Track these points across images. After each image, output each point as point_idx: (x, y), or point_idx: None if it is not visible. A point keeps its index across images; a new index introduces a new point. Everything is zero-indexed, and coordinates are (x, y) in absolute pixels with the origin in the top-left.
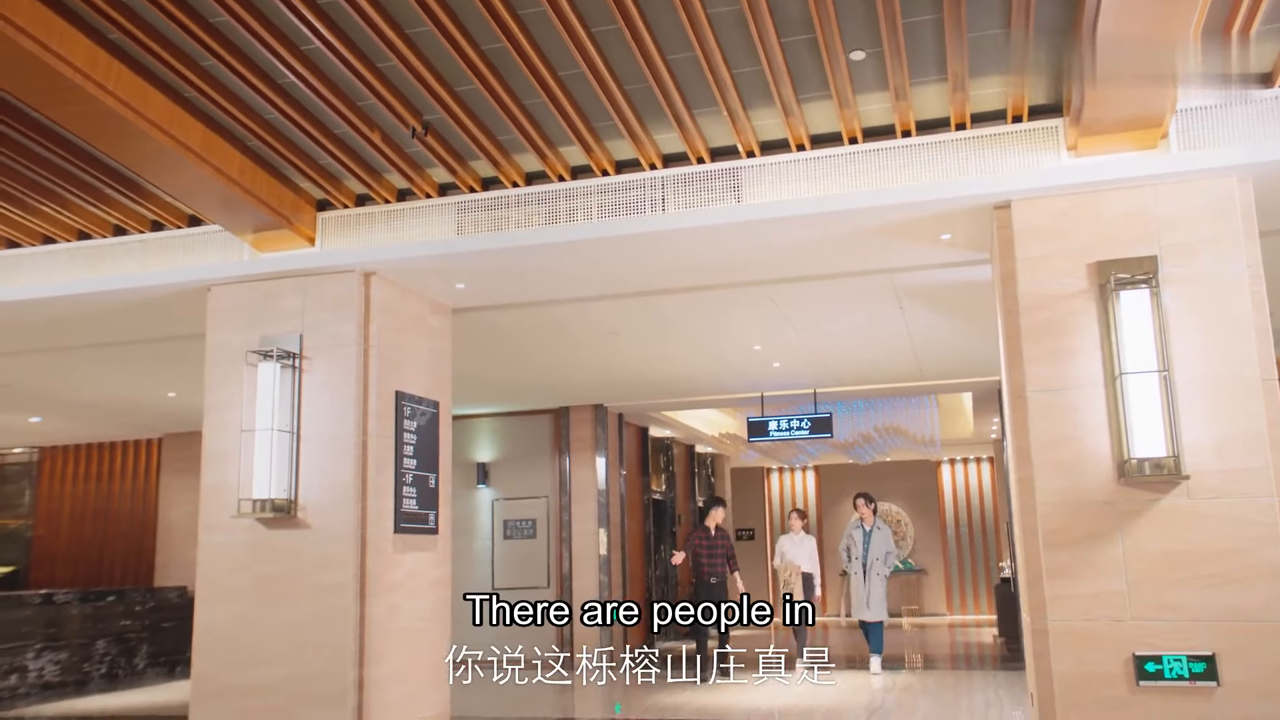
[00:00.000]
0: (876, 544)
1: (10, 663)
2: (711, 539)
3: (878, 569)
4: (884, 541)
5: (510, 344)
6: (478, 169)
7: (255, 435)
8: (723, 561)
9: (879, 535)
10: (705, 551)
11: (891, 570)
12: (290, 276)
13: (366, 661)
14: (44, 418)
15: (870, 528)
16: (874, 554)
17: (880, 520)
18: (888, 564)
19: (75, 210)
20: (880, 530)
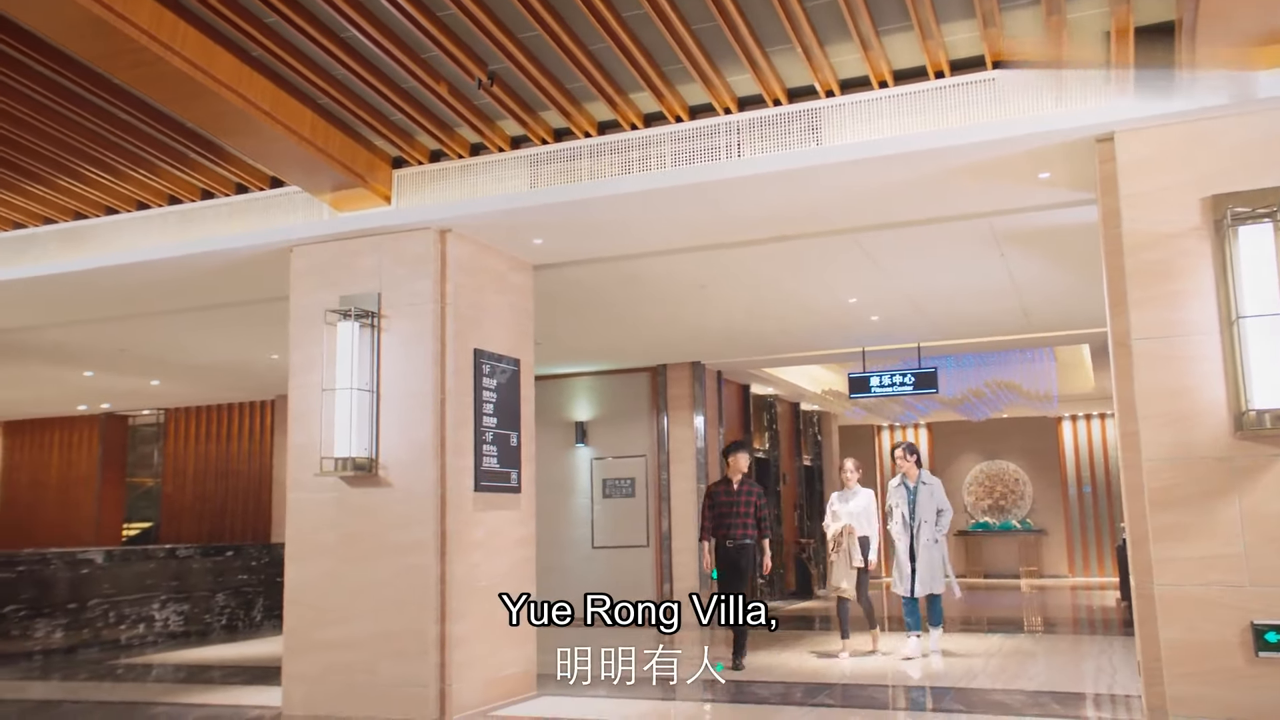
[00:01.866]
0: (924, 502)
1: (138, 612)
2: (734, 493)
3: (928, 533)
4: (933, 498)
5: (598, 301)
6: (549, 120)
7: (335, 394)
8: (745, 522)
9: (926, 492)
10: (726, 509)
11: (944, 532)
12: (367, 235)
13: (448, 618)
14: (162, 381)
15: (915, 483)
16: (922, 514)
17: (928, 474)
18: (940, 525)
19: (164, 175)
20: (927, 485)
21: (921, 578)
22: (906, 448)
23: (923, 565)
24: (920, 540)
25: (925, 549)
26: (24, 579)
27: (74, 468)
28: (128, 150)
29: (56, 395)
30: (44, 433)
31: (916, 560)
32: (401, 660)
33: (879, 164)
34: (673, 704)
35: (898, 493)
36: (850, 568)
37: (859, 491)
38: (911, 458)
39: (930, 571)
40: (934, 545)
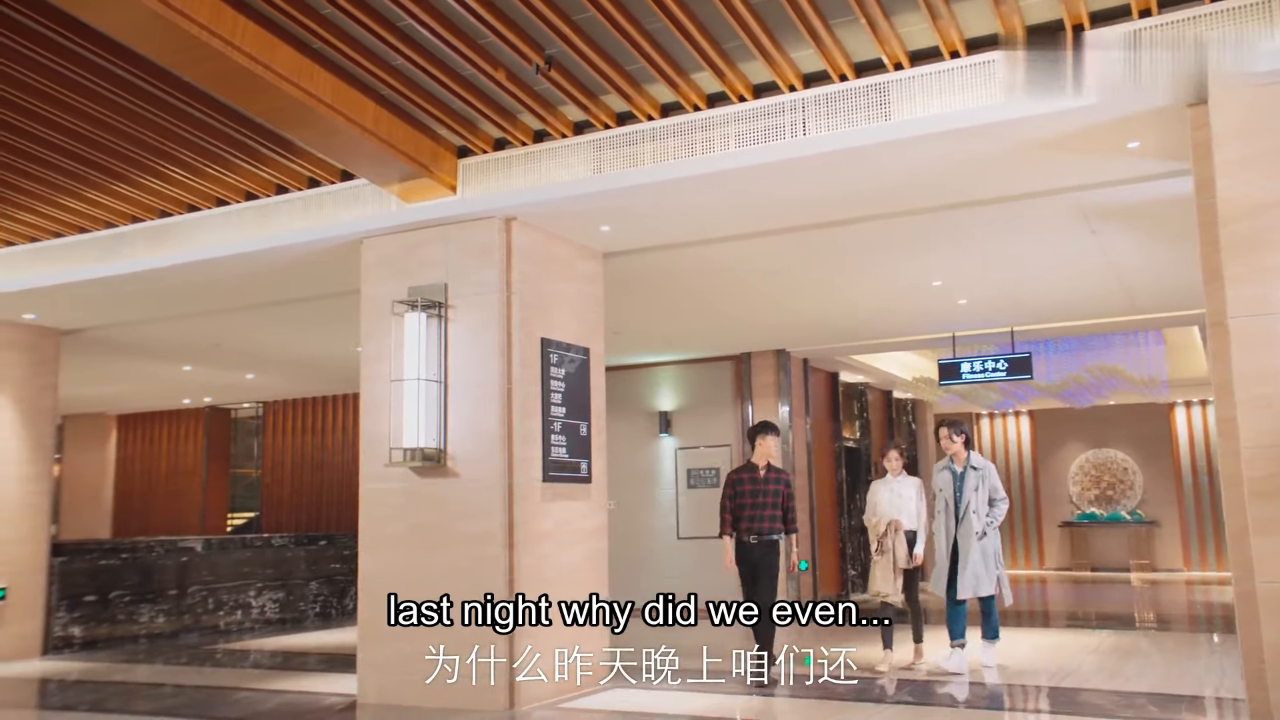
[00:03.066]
0: (972, 489)
1: (236, 599)
2: (759, 481)
3: (973, 524)
4: (984, 485)
5: (674, 288)
6: (610, 104)
7: (404, 385)
8: (772, 514)
9: (975, 478)
10: (748, 498)
11: (994, 524)
12: (434, 226)
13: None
14: (257, 375)
15: (963, 468)
16: (969, 503)
17: (979, 457)
18: (992, 517)
19: (238, 171)
20: (977, 470)
21: (966, 577)
22: (952, 427)
23: (973, 562)
24: (963, 532)
25: (971, 543)
26: (128, 566)
27: (181, 459)
28: (203, 148)
29: (161, 389)
30: (154, 426)
31: (961, 556)
32: (471, 650)
33: (953, 138)
34: (744, 699)
35: (942, 478)
36: (897, 568)
37: (905, 480)
38: (959, 438)
39: (978, 569)
40: (982, 539)
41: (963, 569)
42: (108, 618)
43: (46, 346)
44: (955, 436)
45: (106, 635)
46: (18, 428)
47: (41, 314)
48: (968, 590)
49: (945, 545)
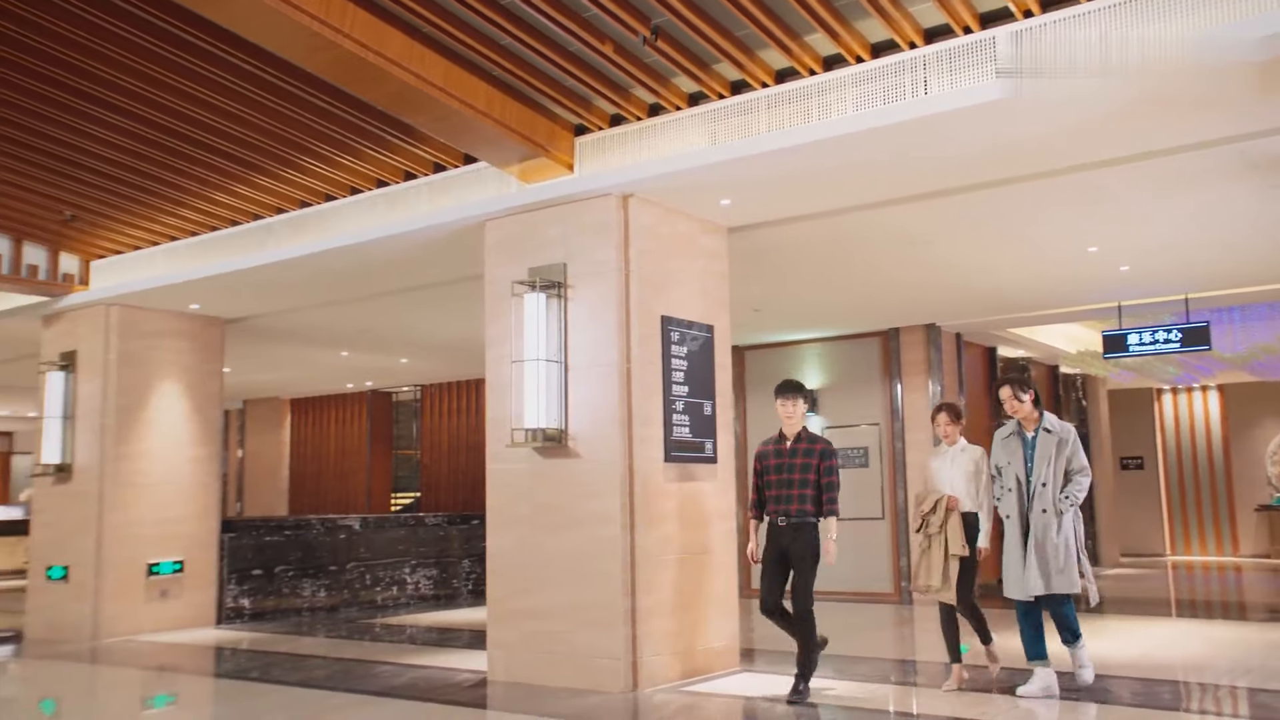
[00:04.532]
0: (1044, 459)
1: (391, 576)
2: (784, 454)
3: (1045, 500)
4: (1059, 452)
5: (810, 262)
6: (723, 73)
7: (524, 366)
8: (801, 494)
9: (1049, 443)
10: (773, 474)
11: (1073, 502)
12: (552, 205)
13: (638, 591)
14: (410, 359)
15: (1035, 431)
16: (1040, 475)
17: (1054, 419)
18: (1070, 493)
19: (368, 159)
20: (1052, 434)
21: (1033, 569)
22: (1017, 382)
23: (1039, 549)
24: (1034, 510)
25: (1041, 524)
26: (291, 542)
27: (347, 441)
28: (334, 138)
29: (325, 374)
30: (322, 409)
31: (1031, 543)
32: (593, 631)
33: (1095, 86)
34: (875, 686)
35: (1008, 446)
36: (949, 556)
37: (965, 449)
38: (1027, 396)
39: (1052, 560)
40: (1056, 519)
41: (1030, 559)
42: (274, 591)
43: (212, 335)
44: (1022, 394)
45: (273, 607)
46: (188, 412)
47: (205, 304)
48: (1036, 586)
49: (1016, 532)
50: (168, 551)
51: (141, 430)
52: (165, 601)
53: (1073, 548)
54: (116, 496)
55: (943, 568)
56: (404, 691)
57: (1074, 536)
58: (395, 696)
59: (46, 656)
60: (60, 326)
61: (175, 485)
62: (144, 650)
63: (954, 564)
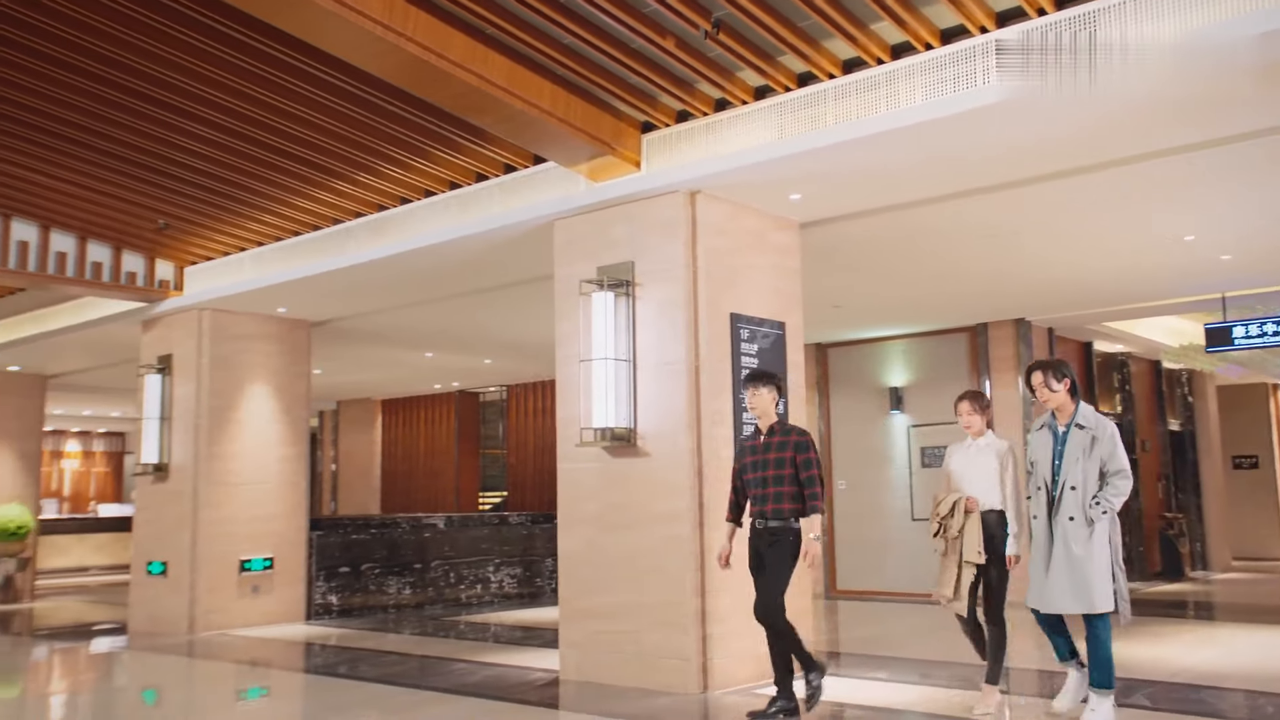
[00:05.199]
0: (1073, 458)
1: (475, 574)
2: (759, 449)
3: (1072, 505)
4: (1092, 450)
5: (890, 256)
6: (788, 65)
7: (592, 365)
8: (777, 491)
9: (1079, 440)
10: (750, 472)
11: (1107, 509)
12: (620, 204)
13: (708, 592)
14: (494, 359)
15: (1067, 425)
16: (1069, 476)
17: (1091, 411)
18: (1106, 499)
19: (440, 162)
20: (1085, 429)
21: (1055, 583)
22: (1050, 369)
23: (1063, 561)
24: (1060, 515)
25: (1068, 533)
26: (376, 541)
27: (436, 441)
28: (407, 142)
29: (412, 375)
30: (412, 410)
31: (1055, 554)
32: (664, 631)
33: (1187, 63)
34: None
35: (1039, 440)
36: (965, 563)
37: (989, 443)
38: (1060, 384)
39: (1080, 573)
40: (1087, 529)
41: (1052, 571)
42: (360, 588)
43: (299, 337)
44: (1055, 382)
45: (360, 604)
46: (277, 413)
47: (291, 307)
48: (1057, 602)
49: (1041, 537)
50: (259, 549)
51: (233, 431)
52: (257, 597)
53: (1106, 561)
54: (210, 495)
55: (955, 576)
56: (476, 689)
57: (1107, 549)
58: (467, 694)
59: (147, 648)
60: (157, 331)
61: (265, 484)
62: (237, 644)
63: (968, 571)
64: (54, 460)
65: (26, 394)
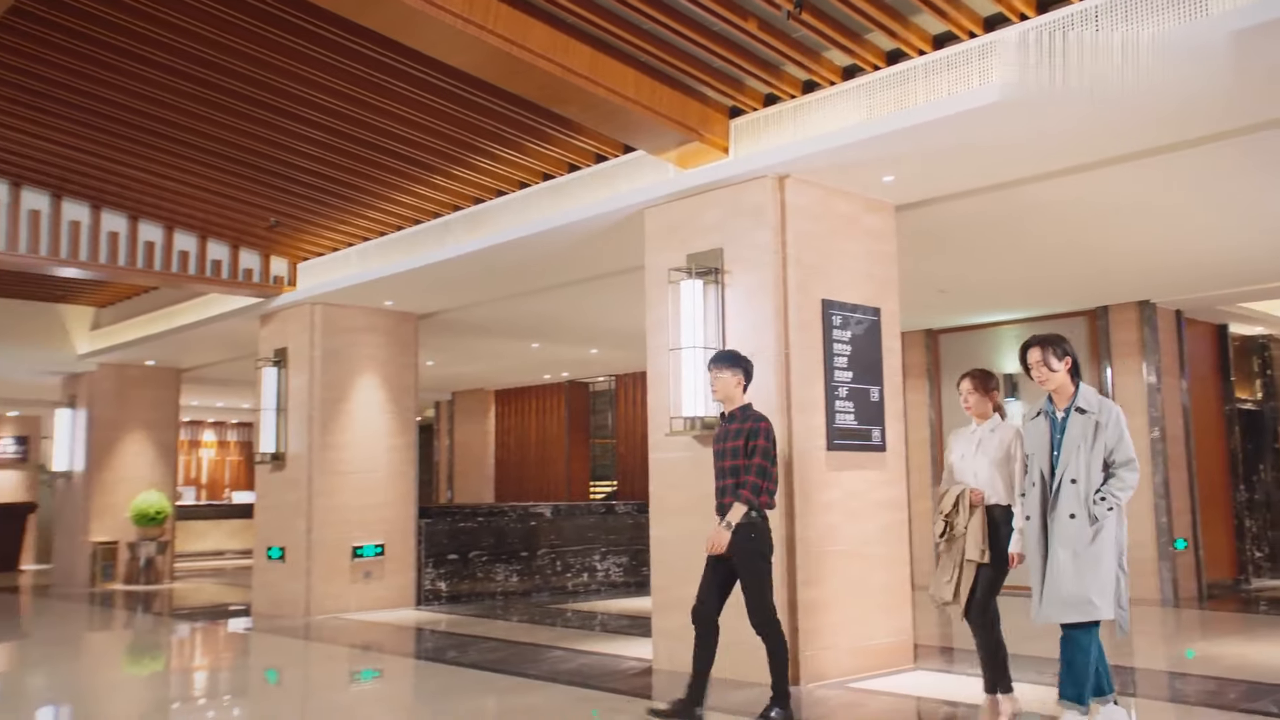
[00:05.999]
0: (1073, 446)
1: (581, 562)
2: (720, 436)
3: (1071, 502)
4: (1094, 437)
5: (996, 238)
6: (876, 42)
7: (682, 353)
8: (735, 482)
9: (1079, 425)
10: (715, 461)
11: (1111, 505)
12: (708, 190)
13: (799, 583)
14: (599, 349)
15: (1066, 410)
16: (1069, 468)
17: (1093, 393)
18: (1106, 492)
19: (532, 154)
20: (1087, 414)
21: (1051, 588)
22: (1050, 345)
23: (1059, 565)
24: (1058, 513)
25: (1067, 533)
26: (484, 529)
27: (547, 431)
28: (500, 135)
29: (522, 366)
30: (524, 400)
31: (1052, 558)
32: None
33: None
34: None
35: (1035, 430)
36: (965, 562)
37: (995, 427)
38: (1061, 364)
39: (1079, 578)
40: (1090, 528)
41: (1050, 578)
42: (468, 575)
43: (406, 330)
44: (1055, 360)
45: (468, 591)
46: (386, 404)
47: (397, 300)
48: (1054, 611)
49: (1035, 540)
50: (370, 536)
51: (344, 421)
52: (369, 583)
53: (1113, 565)
54: (323, 483)
55: (955, 576)
56: (568, 677)
57: (1113, 550)
58: (559, 682)
59: (268, 630)
60: (273, 325)
61: (375, 473)
62: (350, 628)
63: (969, 571)
64: (192, 450)
65: (162, 387)
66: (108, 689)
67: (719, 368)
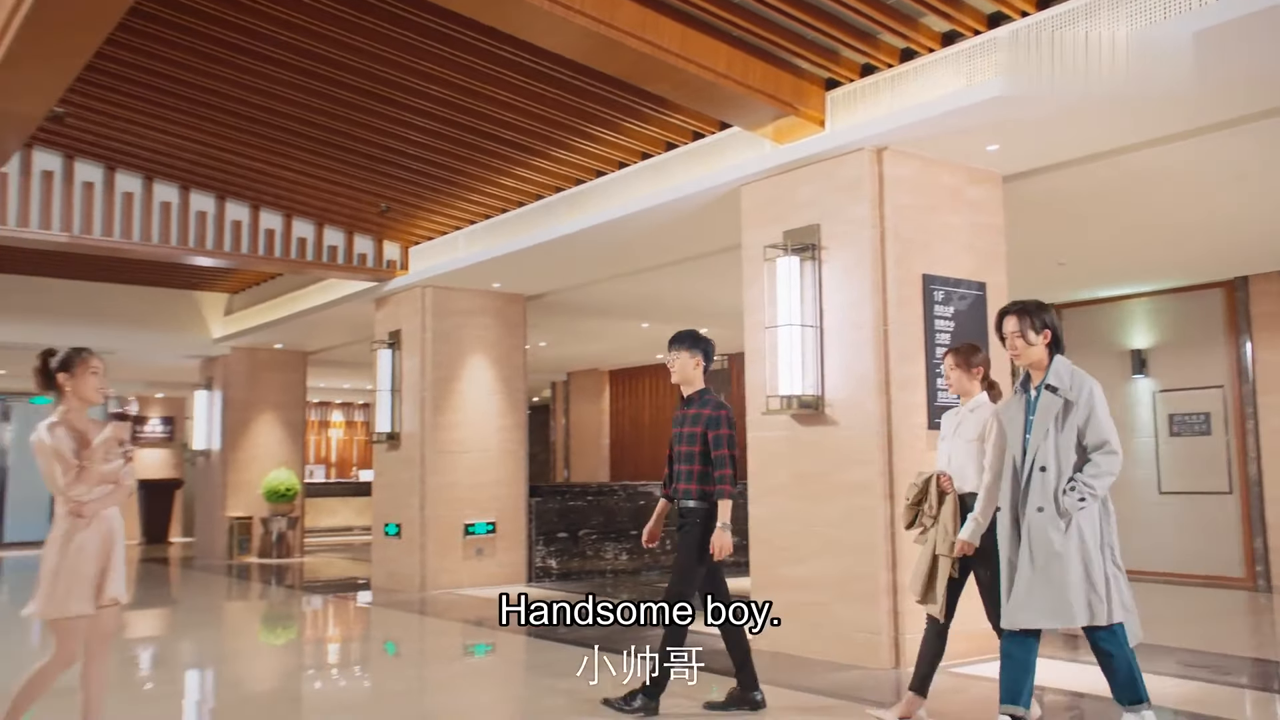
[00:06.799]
0: (1042, 429)
1: None
2: (678, 421)
3: (1038, 493)
4: (1065, 419)
5: (1118, 207)
6: (976, 6)
7: (779, 331)
8: (688, 470)
9: (1050, 406)
10: (673, 445)
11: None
12: (804, 165)
13: (900, 565)
14: (709, 328)
15: (1038, 387)
16: (1039, 452)
17: (1065, 365)
18: (1077, 482)
19: (630, 133)
20: (1055, 393)
21: (1022, 589)
22: (1028, 315)
23: (1035, 563)
24: (1028, 506)
25: (1035, 528)
26: (592, 507)
27: (662, 411)
28: (596, 116)
29: (633, 346)
30: (637, 380)
31: (1023, 553)
32: (854, 604)
33: None
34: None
35: (1010, 410)
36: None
37: (976, 407)
38: (1040, 337)
39: (1056, 579)
40: (1061, 522)
41: (1020, 576)
42: (578, 553)
43: (514, 311)
44: (1033, 333)
45: (578, 568)
46: (496, 384)
47: (504, 282)
48: (1025, 615)
49: (1005, 532)
50: (481, 514)
51: (455, 401)
52: (481, 559)
53: (1097, 562)
54: (436, 462)
55: (926, 570)
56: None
57: (1097, 546)
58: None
59: (385, 604)
60: (387, 309)
61: (486, 453)
62: (462, 603)
63: (943, 566)
64: (321, 429)
65: (290, 369)
66: (244, 655)
67: (677, 348)
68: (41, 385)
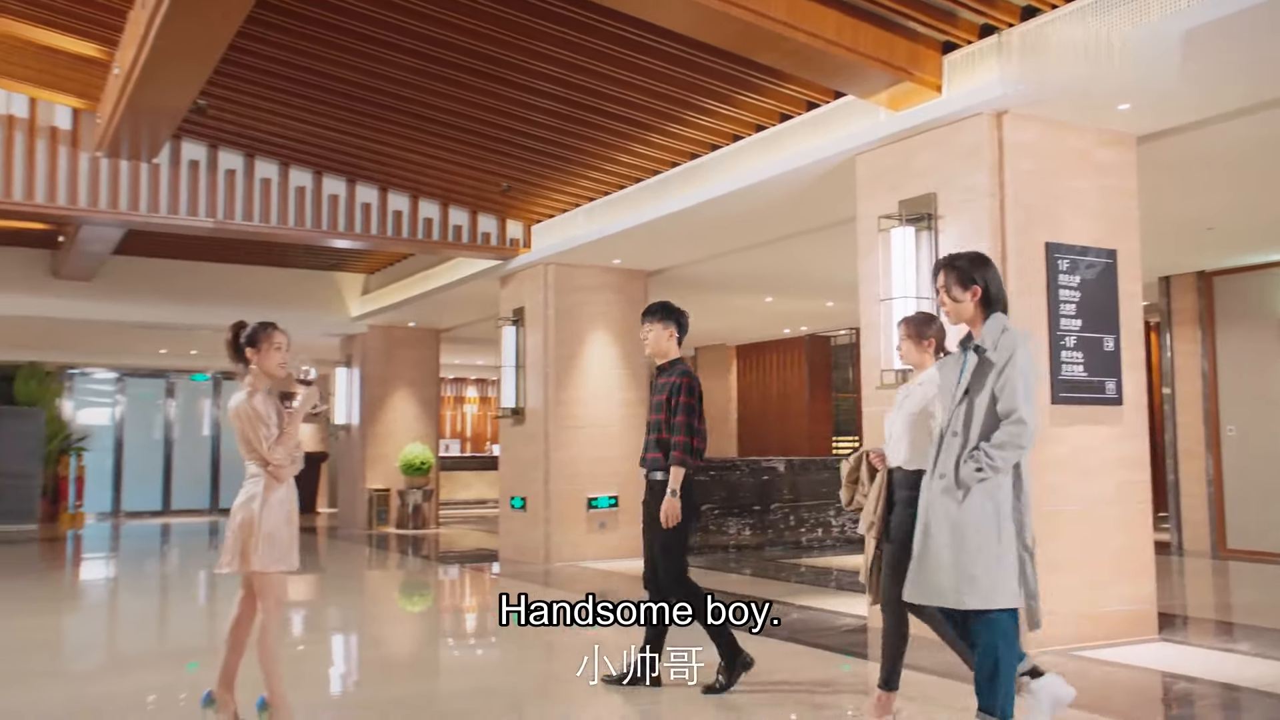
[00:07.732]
0: (962, 390)
1: (815, 518)
2: (654, 388)
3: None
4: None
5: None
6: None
7: (893, 304)
8: (657, 439)
9: (974, 366)
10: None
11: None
12: (920, 132)
13: None
14: (835, 302)
15: (965, 352)
16: (952, 418)
17: (997, 326)
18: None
19: (743, 106)
20: (982, 355)
21: (917, 566)
22: (965, 268)
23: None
24: (933, 472)
25: (932, 499)
26: (715, 483)
27: (788, 385)
28: (709, 89)
29: (760, 321)
30: (763, 355)
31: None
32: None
33: None
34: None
35: (944, 371)
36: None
37: (924, 380)
38: (966, 294)
39: (943, 556)
40: (957, 494)
41: (918, 549)
42: (700, 528)
43: (635, 287)
44: (960, 289)
45: (700, 543)
46: (618, 360)
47: (624, 258)
48: (920, 591)
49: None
50: (603, 488)
51: (577, 378)
52: (603, 533)
53: (989, 541)
54: (559, 437)
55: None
56: (777, 632)
57: (993, 523)
58: (767, 636)
59: (512, 575)
60: (511, 286)
61: (608, 428)
62: (585, 575)
63: (868, 545)
64: (457, 405)
65: (424, 347)
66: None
67: (650, 320)
68: (232, 356)
